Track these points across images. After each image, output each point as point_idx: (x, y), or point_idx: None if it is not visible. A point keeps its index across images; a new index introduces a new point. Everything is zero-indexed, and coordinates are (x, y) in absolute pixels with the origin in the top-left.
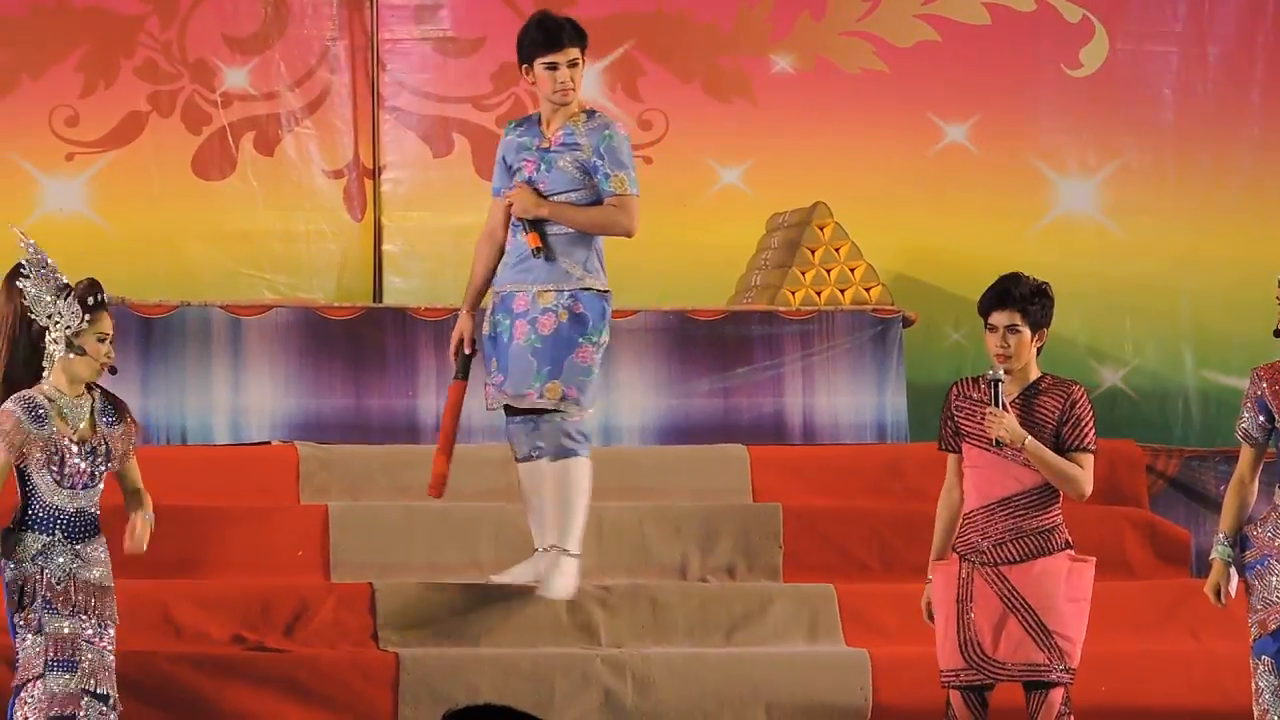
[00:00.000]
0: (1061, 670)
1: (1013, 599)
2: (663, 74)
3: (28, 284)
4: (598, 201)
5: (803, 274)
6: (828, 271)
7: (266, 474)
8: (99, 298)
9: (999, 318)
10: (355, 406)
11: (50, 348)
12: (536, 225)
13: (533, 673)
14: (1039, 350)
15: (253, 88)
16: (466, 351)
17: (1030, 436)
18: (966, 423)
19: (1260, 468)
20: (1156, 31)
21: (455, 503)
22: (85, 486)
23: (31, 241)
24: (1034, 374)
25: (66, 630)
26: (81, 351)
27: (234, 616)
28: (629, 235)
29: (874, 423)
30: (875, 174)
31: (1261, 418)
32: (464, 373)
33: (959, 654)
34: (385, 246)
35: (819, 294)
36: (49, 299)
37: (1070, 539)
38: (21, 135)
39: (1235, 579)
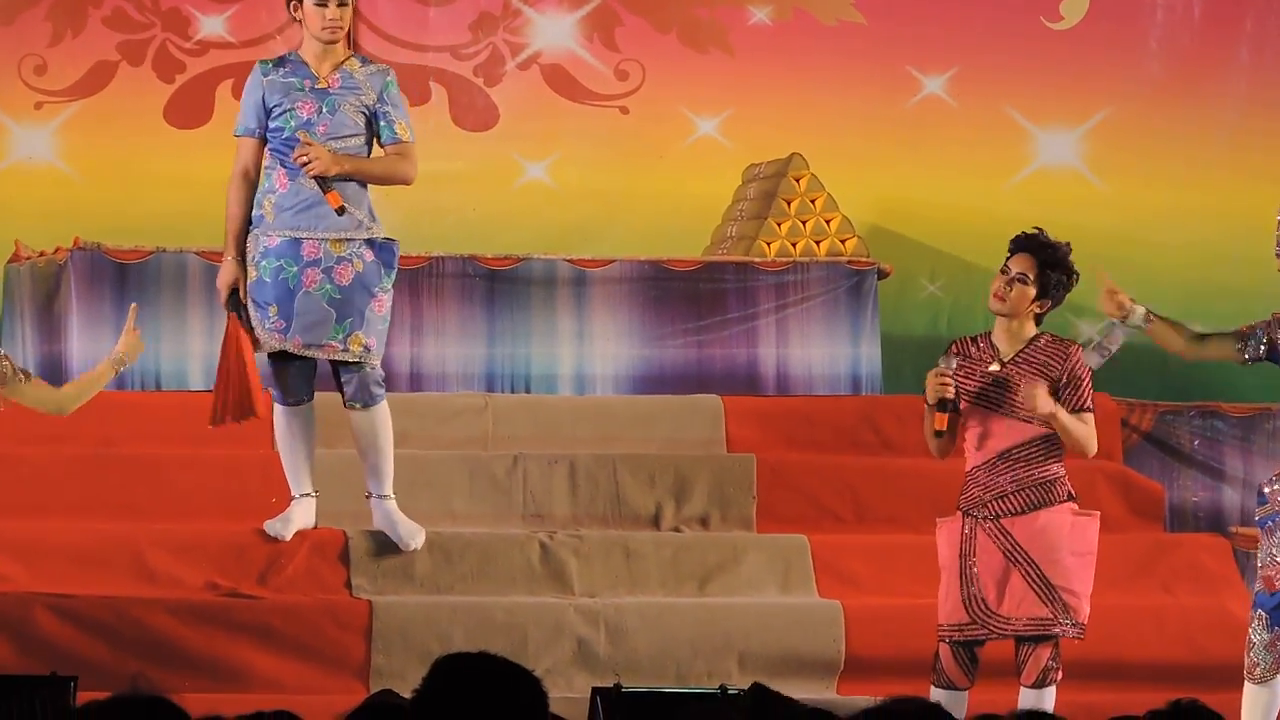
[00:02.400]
0: (1068, 624)
1: (1015, 552)
2: (640, 24)
3: None
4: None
5: (778, 225)
6: (803, 223)
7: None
8: None
9: (1017, 260)
10: None
11: None
12: (329, 181)
13: (506, 622)
14: (1038, 319)
15: (230, 35)
16: (241, 298)
17: (1061, 410)
18: (966, 381)
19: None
20: None
21: (428, 451)
22: None
23: None
24: (1030, 331)
25: None
26: None
27: (207, 563)
28: (409, 183)
29: (848, 374)
30: (852, 126)
31: (1264, 348)
32: (237, 308)
33: (962, 609)
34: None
35: (794, 245)
36: None
37: (1073, 491)
38: None
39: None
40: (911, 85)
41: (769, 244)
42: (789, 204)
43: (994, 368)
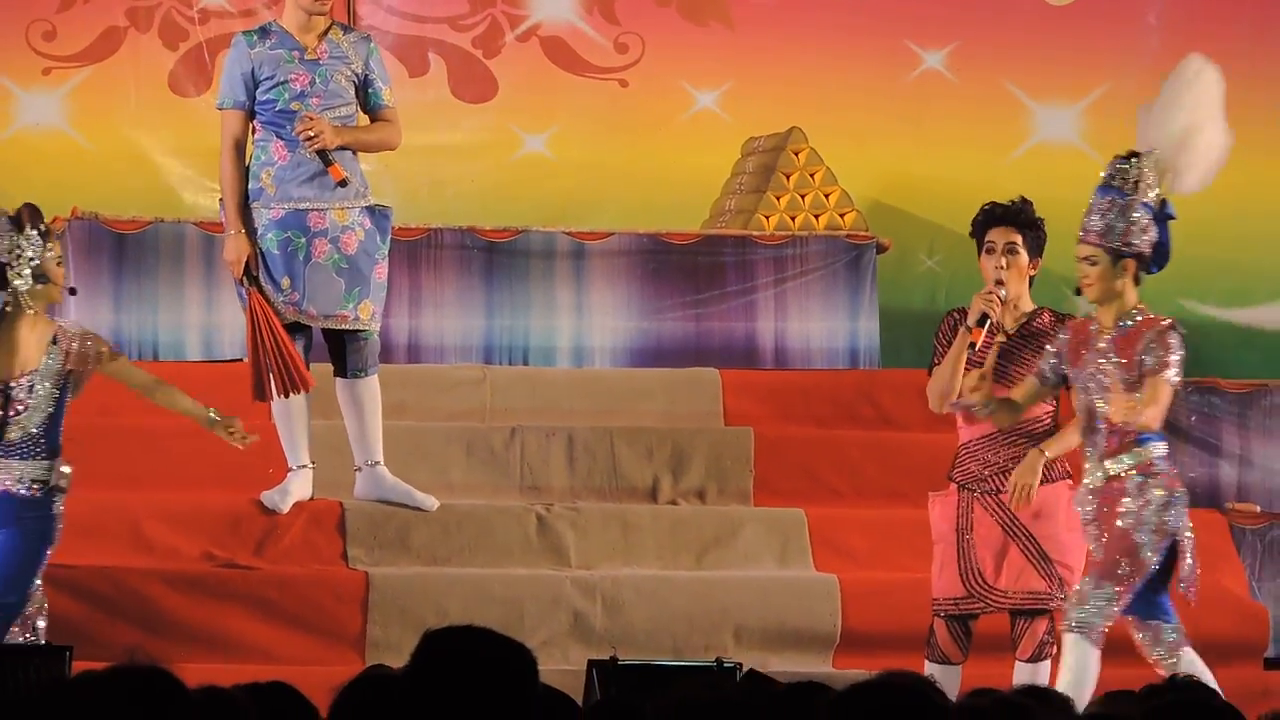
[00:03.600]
0: (1063, 599)
1: (1013, 527)
2: None
3: None
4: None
5: (777, 199)
6: (802, 197)
7: (239, 391)
8: (46, 222)
9: (998, 234)
10: None
11: (17, 283)
12: (330, 153)
13: (502, 594)
14: (1030, 281)
15: (229, 4)
16: (254, 273)
17: (1048, 449)
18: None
19: (1030, 401)
20: None
21: (426, 423)
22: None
23: None
24: (1028, 305)
25: None
26: (46, 279)
27: (204, 533)
28: (395, 149)
29: (846, 348)
30: (851, 100)
31: (1054, 361)
32: (255, 282)
33: (959, 583)
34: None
35: (793, 219)
36: (5, 237)
37: (1070, 469)
38: None
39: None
40: (911, 60)
41: (767, 218)
42: (788, 178)
43: (1000, 338)
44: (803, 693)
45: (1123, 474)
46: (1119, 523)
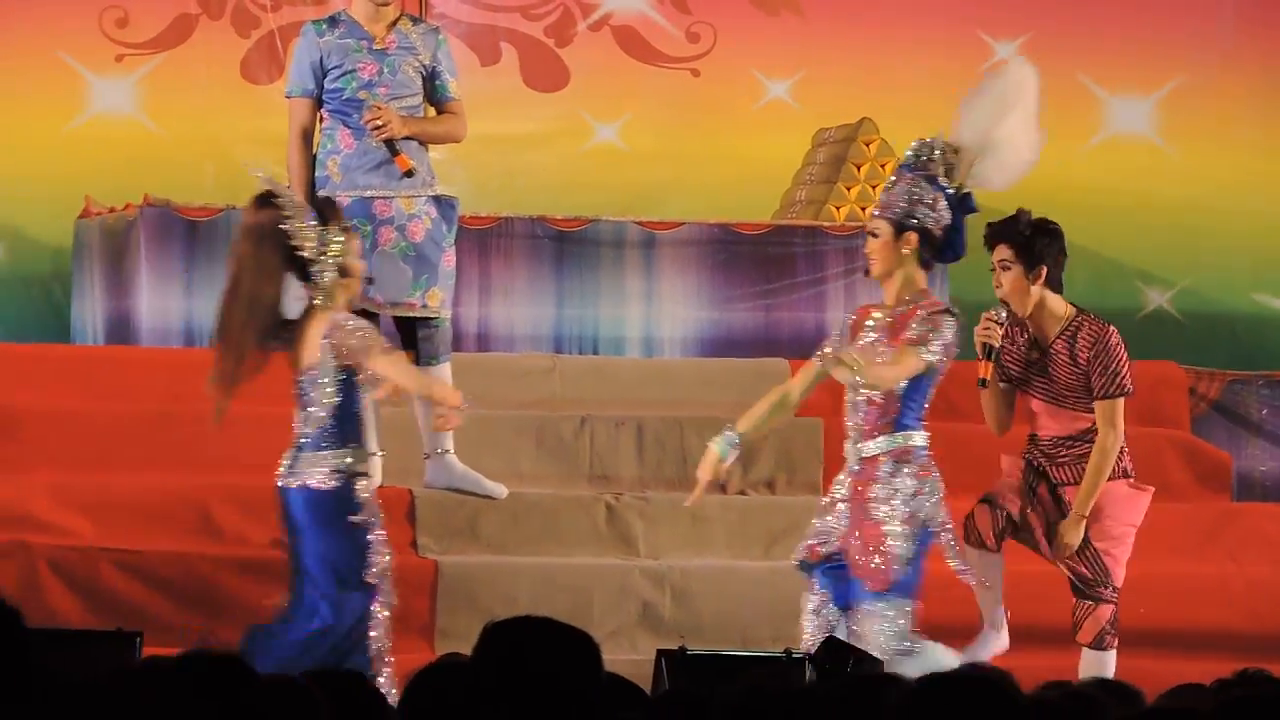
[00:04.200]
0: (1103, 587)
1: (1062, 514)
2: None
3: (291, 223)
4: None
5: (847, 190)
6: (873, 188)
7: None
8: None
9: (994, 252)
10: None
11: (323, 278)
12: (397, 143)
13: (571, 583)
14: (1055, 287)
15: None
16: None
17: (1079, 512)
18: (1012, 365)
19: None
20: None
21: (496, 411)
22: None
23: (267, 175)
24: (1062, 310)
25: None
26: (348, 273)
27: (273, 519)
28: (460, 141)
29: None
30: (923, 91)
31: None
32: None
33: (1016, 499)
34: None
35: (863, 210)
36: (313, 231)
37: (1130, 467)
38: (72, 35)
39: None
40: (983, 50)
41: (838, 208)
42: (858, 168)
43: (1034, 355)
44: (874, 684)
45: (879, 457)
46: (870, 509)
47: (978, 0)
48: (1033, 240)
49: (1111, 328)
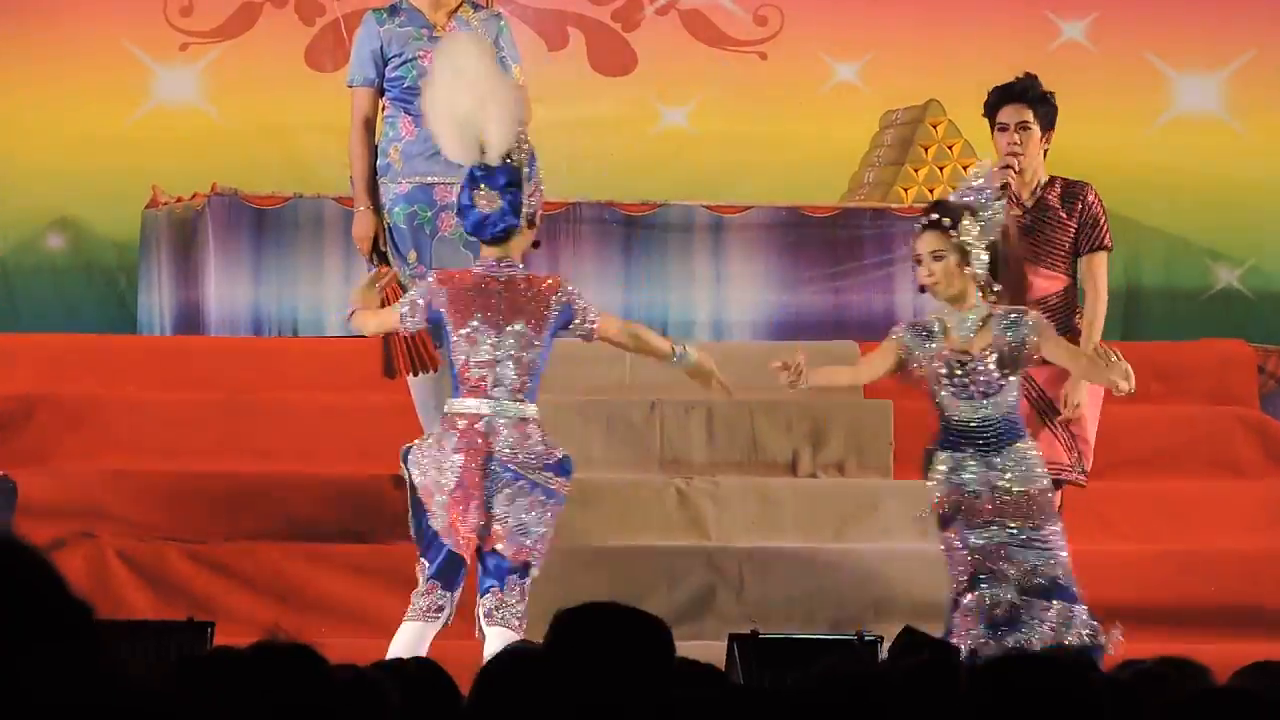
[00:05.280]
0: (1079, 472)
1: (1041, 401)
2: None
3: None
4: None
5: (915, 171)
6: (940, 169)
7: (377, 366)
8: None
9: (1009, 113)
10: None
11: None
12: None
13: (643, 568)
14: (1045, 154)
15: None
16: (383, 248)
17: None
18: None
19: None
20: None
21: (566, 397)
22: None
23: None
24: (1043, 176)
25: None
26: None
27: (344, 508)
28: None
29: None
30: (990, 72)
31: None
32: (385, 259)
33: None
34: None
35: (931, 192)
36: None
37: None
38: (136, 24)
39: None
40: (1050, 30)
41: (906, 190)
42: (926, 150)
43: (1015, 212)
44: (948, 665)
45: None
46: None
47: None
48: (1048, 100)
49: (1090, 185)
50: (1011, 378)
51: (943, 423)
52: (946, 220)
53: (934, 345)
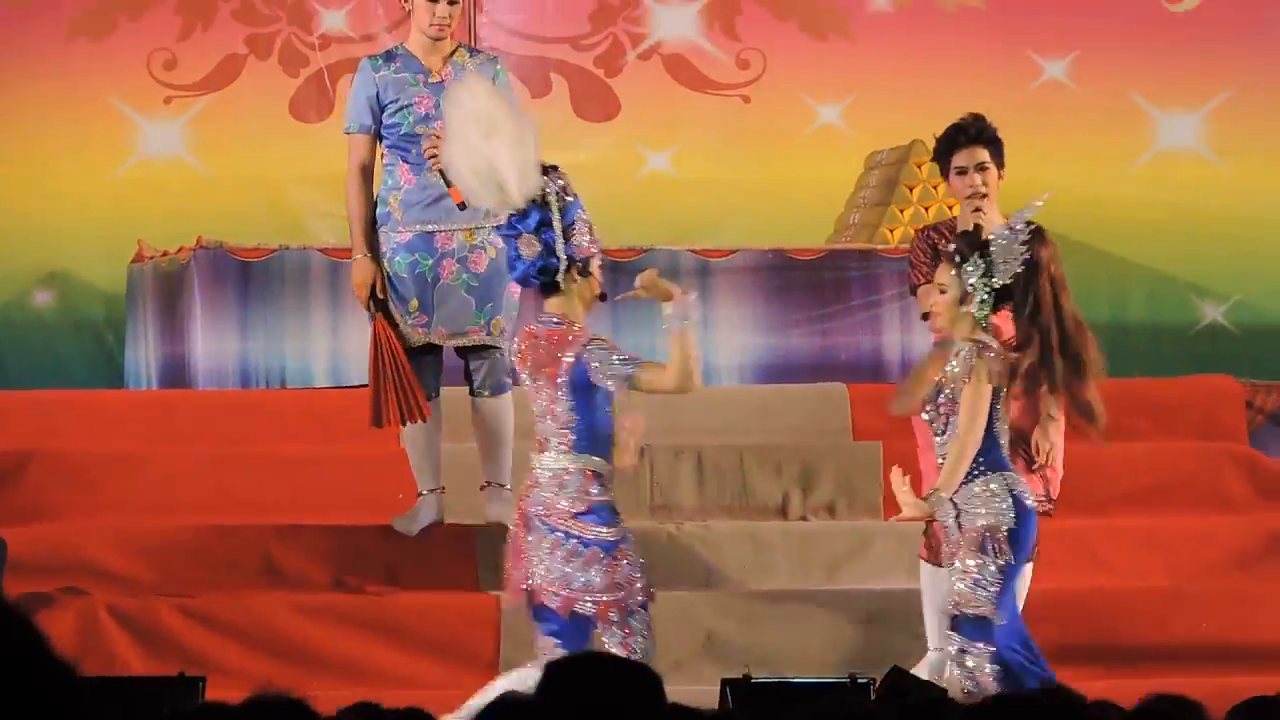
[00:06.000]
0: (1045, 499)
1: (1011, 432)
2: (760, 12)
3: None
4: None
5: (901, 212)
6: (926, 209)
7: (366, 416)
8: None
9: (966, 156)
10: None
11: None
12: (446, 174)
13: None
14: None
15: (350, 30)
16: (380, 296)
17: (1053, 414)
18: None
19: None
20: None
21: None
22: None
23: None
24: (999, 219)
25: None
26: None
27: (335, 560)
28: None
29: None
30: (973, 110)
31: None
32: (381, 307)
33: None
34: None
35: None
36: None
37: None
38: (120, 78)
39: None
40: (1032, 70)
41: (892, 231)
42: (911, 190)
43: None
44: (937, 708)
45: None
46: None
47: (1026, 20)
48: (999, 138)
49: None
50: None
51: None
52: (958, 256)
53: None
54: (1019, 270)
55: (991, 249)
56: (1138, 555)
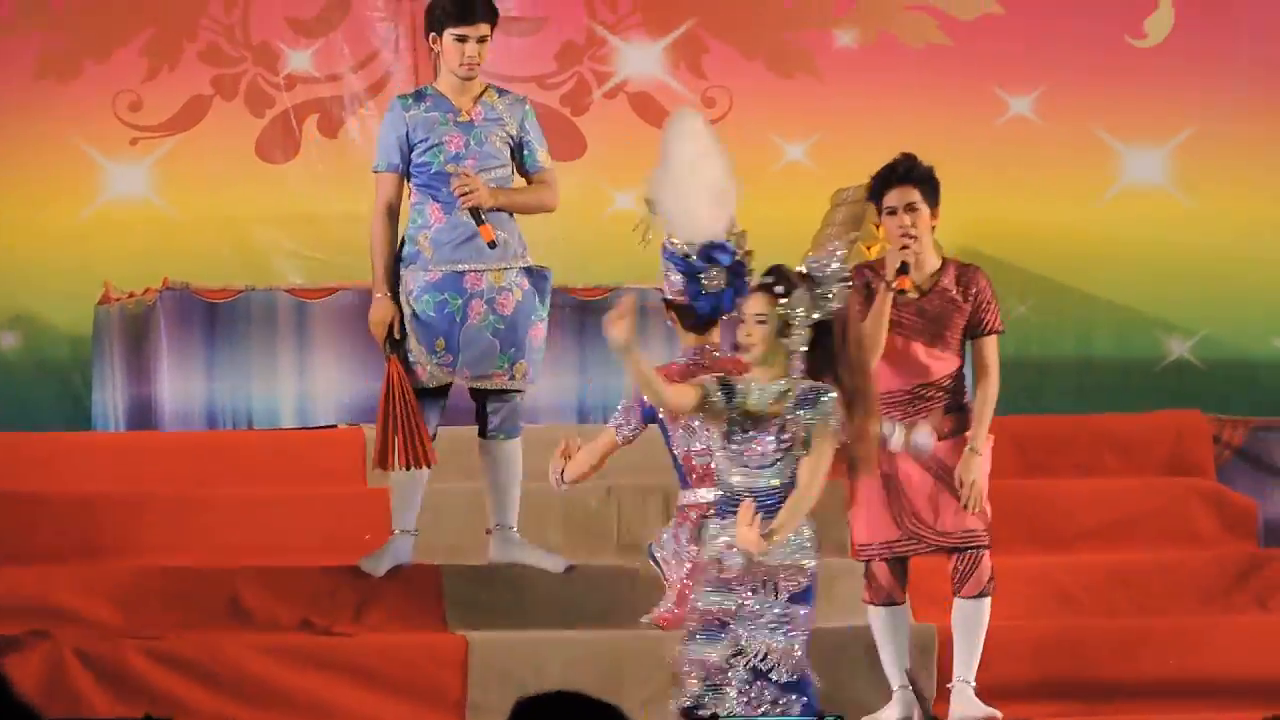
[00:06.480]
0: (985, 533)
1: (943, 474)
2: (726, 51)
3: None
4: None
5: (867, 249)
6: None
7: (333, 457)
8: None
9: (896, 196)
10: None
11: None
12: (483, 214)
13: (602, 654)
14: (933, 230)
15: (316, 70)
16: (397, 336)
17: (975, 448)
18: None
19: None
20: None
21: (524, 484)
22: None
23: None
24: (935, 262)
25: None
26: None
27: (302, 601)
28: (552, 210)
29: None
30: (940, 148)
31: None
32: (396, 348)
33: (894, 525)
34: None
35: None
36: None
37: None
38: (85, 120)
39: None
40: (998, 106)
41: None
42: (878, 227)
43: (913, 294)
44: None
45: None
46: None
47: (991, 56)
48: (933, 178)
49: (981, 269)
50: (794, 451)
51: (719, 488)
52: (779, 287)
53: (729, 405)
54: (835, 308)
55: (816, 282)
56: (1106, 591)
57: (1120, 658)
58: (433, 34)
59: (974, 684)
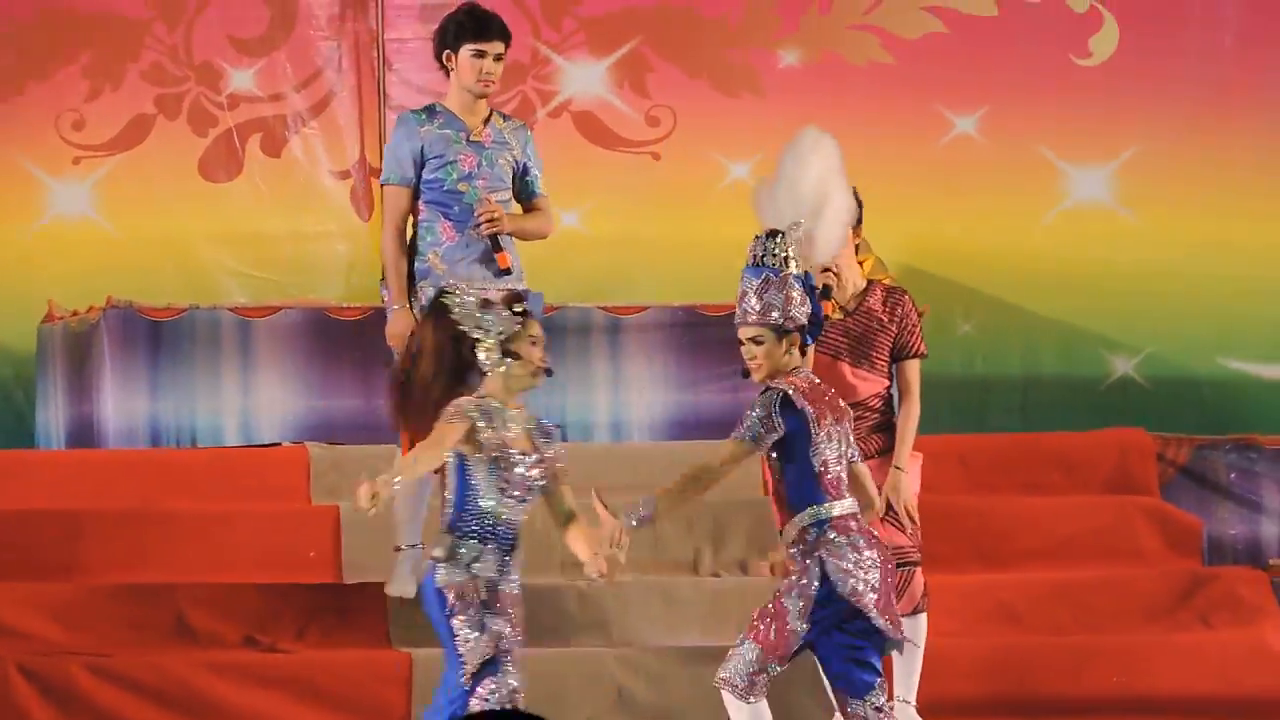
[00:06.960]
0: (915, 550)
1: None
2: (670, 70)
3: (453, 300)
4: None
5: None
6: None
7: (277, 475)
8: (525, 304)
9: None
10: (365, 407)
11: (483, 359)
12: (500, 240)
13: (545, 670)
14: (856, 250)
15: (259, 89)
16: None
17: (900, 466)
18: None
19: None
20: (1169, 19)
21: None
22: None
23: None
24: (862, 282)
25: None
26: (516, 356)
27: (247, 618)
28: (548, 237)
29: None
30: (884, 167)
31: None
32: None
33: None
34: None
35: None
36: (476, 313)
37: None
38: (28, 139)
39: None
40: (942, 125)
41: None
42: None
43: (837, 315)
44: None
45: None
46: None
47: (934, 75)
48: (857, 200)
49: (907, 291)
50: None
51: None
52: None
53: (490, 432)
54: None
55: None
56: (1050, 608)
57: (1064, 675)
58: (447, 51)
59: (914, 703)
